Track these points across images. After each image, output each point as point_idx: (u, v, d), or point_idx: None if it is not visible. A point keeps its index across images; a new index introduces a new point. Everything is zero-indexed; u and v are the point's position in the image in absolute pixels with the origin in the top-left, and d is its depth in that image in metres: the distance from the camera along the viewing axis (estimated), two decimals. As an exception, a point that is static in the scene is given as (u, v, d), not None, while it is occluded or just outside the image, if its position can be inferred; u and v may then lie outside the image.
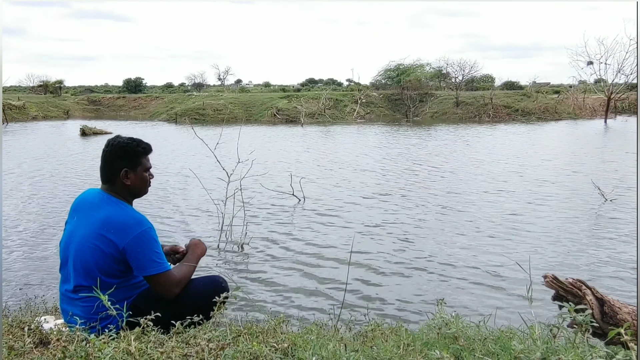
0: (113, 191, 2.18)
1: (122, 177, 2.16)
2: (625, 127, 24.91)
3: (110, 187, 2.19)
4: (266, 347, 1.81)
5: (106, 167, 2.19)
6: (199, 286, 2.22)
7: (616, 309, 1.91)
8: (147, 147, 2.24)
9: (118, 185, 2.18)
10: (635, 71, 29.88)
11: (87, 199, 2.21)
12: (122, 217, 2.09)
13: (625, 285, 4.67)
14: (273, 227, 6.83)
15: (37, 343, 1.71)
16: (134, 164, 2.18)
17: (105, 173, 2.20)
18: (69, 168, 12.23)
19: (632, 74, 30.00)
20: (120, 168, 2.16)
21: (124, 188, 2.18)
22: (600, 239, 6.13)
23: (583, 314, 1.61)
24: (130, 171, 2.17)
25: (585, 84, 35.14)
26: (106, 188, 2.20)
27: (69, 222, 2.21)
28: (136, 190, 2.22)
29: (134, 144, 2.20)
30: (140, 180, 2.21)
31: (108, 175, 2.19)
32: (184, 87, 51.38)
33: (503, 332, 2.04)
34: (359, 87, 37.28)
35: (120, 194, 2.19)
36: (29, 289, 4.55)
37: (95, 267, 2.05)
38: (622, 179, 10.00)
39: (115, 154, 2.17)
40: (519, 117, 30.26)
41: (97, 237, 2.05)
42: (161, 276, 2.08)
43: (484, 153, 14.96)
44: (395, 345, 2.00)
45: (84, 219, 2.13)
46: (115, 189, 2.18)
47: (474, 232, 6.45)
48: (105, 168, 2.20)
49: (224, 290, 2.22)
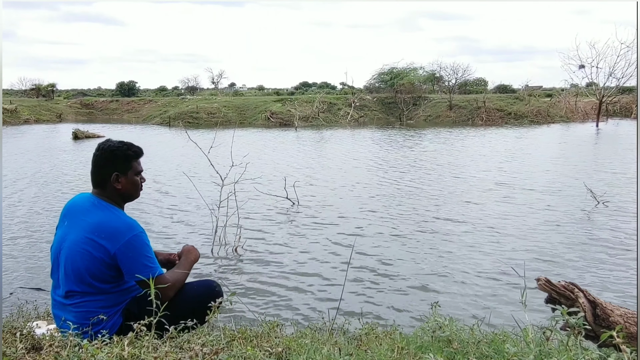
0: (104, 195, 2.16)
1: (113, 181, 2.15)
2: (617, 131, 25.13)
3: (101, 192, 2.17)
4: (260, 351, 1.80)
5: (97, 171, 2.17)
6: (193, 290, 2.21)
7: (608, 312, 1.93)
8: (137, 150, 2.23)
9: (109, 190, 2.16)
10: (626, 75, 30.24)
11: (78, 204, 2.19)
12: (113, 222, 2.07)
13: (617, 288, 4.70)
14: (267, 230, 6.80)
15: (30, 349, 1.69)
16: (125, 168, 2.17)
17: (96, 177, 2.18)
18: (61, 172, 12.13)
19: (623, 77, 30.33)
20: (111, 172, 2.15)
21: (115, 192, 2.17)
22: (592, 242, 6.17)
23: (576, 317, 1.62)
24: (121, 175, 2.16)
25: (577, 87, 35.45)
26: (97, 192, 2.18)
27: (60, 227, 2.19)
28: (127, 194, 2.21)
29: (124, 148, 2.18)
30: (132, 184, 2.20)
31: (99, 179, 2.17)
32: (178, 91, 51.15)
33: (496, 335, 2.05)
34: (352, 91, 37.39)
35: (112, 199, 2.17)
36: (21, 293, 4.50)
37: (86, 272, 2.04)
38: (613, 182, 10.08)
39: (106, 158, 2.16)
40: (511, 121, 30.50)
41: (87, 242, 2.04)
42: (154, 280, 2.06)
43: (477, 156, 15.03)
44: (390, 348, 2.00)
45: (75, 224, 2.12)
46: (106, 194, 2.17)
47: (467, 237, 6.47)
48: (96, 172, 2.18)
49: (218, 294, 2.21)
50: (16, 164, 13.26)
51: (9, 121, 29.98)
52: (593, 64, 30.75)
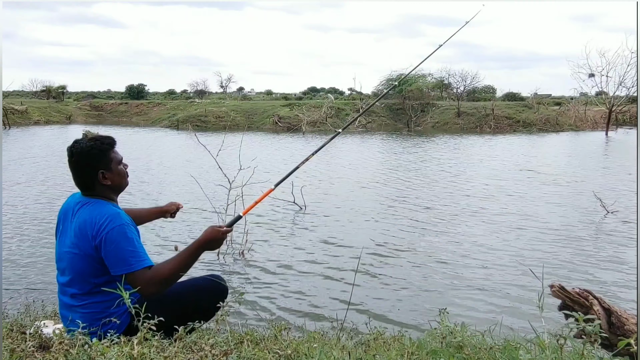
0: (94, 196, 2.13)
1: (101, 179, 2.10)
2: (627, 139, 24.91)
3: (91, 193, 2.14)
4: (269, 353, 1.79)
5: (80, 176, 2.11)
6: (199, 286, 2.22)
7: (623, 320, 1.89)
8: (111, 141, 2.18)
9: (98, 189, 2.13)
10: (636, 84, 30.00)
11: (70, 207, 2.17)
12: (95, 217, 2.01)
13: (632, 295, 4.64)
14: (274, 234, 6.80)
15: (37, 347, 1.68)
16: (107, 163, 2.12)
17: (81, 182, 2.13)
18: None
19: (633, 86, 30.13)
20: (96, 172, 2.09)
21: (105, 189, 2.13)
22: (604, 250, 6.10)
23: (592, 324, 1.59)
24: (106, 172, 2.11)
25: (586, 96, 35.27)
26: (87, 194, 2.15)
27: (57, 231, 2.19)
28: (117, 186, 2.17)
29: (98, 144, 2.12)
30: (118, 175, 2.16)
31: (86, 183, 2.12)
32: (186, 94, 51.47)
33: (509, 342, 2.01)
34: (360, 97, 37.40)
35: (103, 196, 2.14)
36: (29, 293, 4.52)
37: (87, 273, 2.04)
38: (623, 191, 9.97)
39: (84, 160, 2.09)
40: (520, 128, 30.33)
41: (79, 242, 2.02)
42: (138, 274, 1.95)
43: (488, 163, 14.94)
44: (399, 354, 1.98)
45: (67, 227, 2.11)
46: (96, 193, 2.13)
47: (478, 242, 6.42)
48: (79, 177, 2.12)
49: (224, 288, 2.22)
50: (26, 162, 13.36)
51: (19, 122, 30.25)
52: (603, 72, 30.64)
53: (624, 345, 1.47)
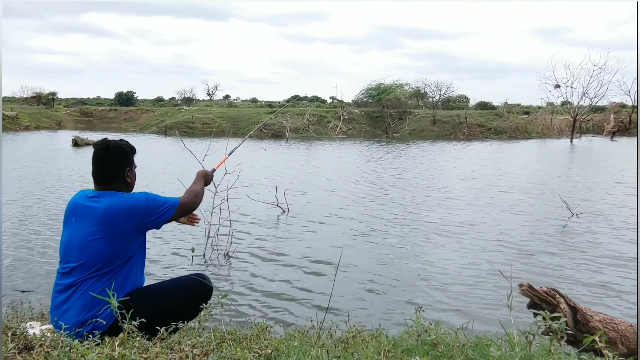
0: (110, 189, 2.22)
1: (126, 175, 2.27)
2: (590, 146, 26.14)
3: (109, 187, 2.23)
4: (250, 353, 1.81)
5: (106, 169, 2.24)
6: (184, 283, 2.31)
7: (588, 317, 2.00)
8: (134, 147, 2.41)
9: (118, 184, 2.25)
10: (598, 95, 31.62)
11: (80, 201, 2.21)
12: (127, 198, 2.20)
13: (596, 293, 4.86)
14: (258, 236, 6.87)
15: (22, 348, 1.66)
16: (131, 162, 2.33)
17: (105, 175, 2.24)
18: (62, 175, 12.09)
19: (595, 97, 31.87)
20: (123, 167, 2.27)
21: (124, 185, 2.27)
22: (570, 250, 6.36)
23: (558, 322, 1.68)
24: (130, 169, 2.30)
25: (552, 105, 36.67)
26: (103, 188, 2.22)
27: (67, 224, 2.20)
28: (132, 185, 2.35)
29: (128, 144, 2.34)
30: (135, 176, 2.36)
31: (110, 176, 2.24)
32: (174, 101, 51.33)
33: (481, 339, 2.09)
34: (341, 104, 38.08)
35: (119, 190, 2.24)
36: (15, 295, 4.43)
37: (102, 254, 2.08)
38: (587, 194, 10.40)
39: (115, 155, 2.26)
40: (491, 136, 31.40)
41: (103, 228, 2.09)
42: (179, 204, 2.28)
43: (460, 169, 15.31)
44: (376, 351, 2.03)
45: (84, 217, 2.14)
46: (114, 188, 2.23)
47: (451, 244, 6.58)
48: (105, 170, 2.24)
49: (208, 287, 2.31)
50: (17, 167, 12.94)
51: (9, 127, 29.99)
52: (568, 84, 31.99)
53: (589, 342, 1.56)
